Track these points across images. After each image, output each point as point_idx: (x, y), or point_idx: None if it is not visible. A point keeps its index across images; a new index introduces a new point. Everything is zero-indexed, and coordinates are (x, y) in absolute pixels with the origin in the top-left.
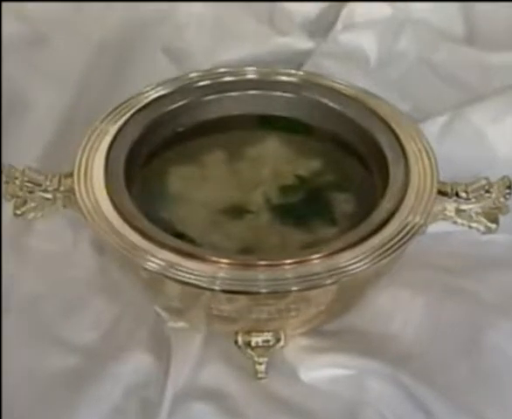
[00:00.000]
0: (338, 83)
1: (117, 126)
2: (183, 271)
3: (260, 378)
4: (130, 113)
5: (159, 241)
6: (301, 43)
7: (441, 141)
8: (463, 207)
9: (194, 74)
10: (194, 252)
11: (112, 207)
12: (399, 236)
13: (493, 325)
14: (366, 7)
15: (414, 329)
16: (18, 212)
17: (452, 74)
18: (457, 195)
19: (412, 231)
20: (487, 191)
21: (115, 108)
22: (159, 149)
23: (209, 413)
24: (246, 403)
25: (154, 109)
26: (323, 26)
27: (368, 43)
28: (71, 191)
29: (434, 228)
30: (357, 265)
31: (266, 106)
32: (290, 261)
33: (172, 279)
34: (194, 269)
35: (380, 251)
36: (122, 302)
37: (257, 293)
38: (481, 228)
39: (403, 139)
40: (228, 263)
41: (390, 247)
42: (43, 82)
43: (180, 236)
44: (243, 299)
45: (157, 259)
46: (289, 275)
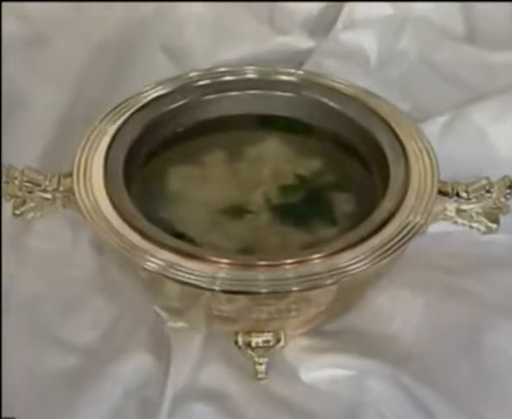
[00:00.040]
0: (338, 82)
1: (116, 125)
2: (183, 272)
3: (260, 378)
4: (130, 113)
5: (159, 241)
6: (302, 42)
7: (442, 141)
8: (464, 207)
9: (194, 74)
10: (194, 252)
11: (111, 207)
12: (399, 236)
13: (493, 325)
14: (366, 6)
15: (414, 329)
16: (17, 212)
17: (453, 73)
18: (457, 195)
19: (413, 231)
20: (487, 191)
21: (115, 108)
22: (159, 149)
23: (209, 413)
24: (246, 404)
25: (153, 109)
26: (324, 25)
27: (368, 42)
28: (70, 191)
29: (435, 228)
30: (357, 265)
31: (266, 106)
32: (290, 261)
33: (172, 279)
34: (194, 269)
35: (380, 251)
36: (122, 302)
37: (257, 293)
38: (482, 228)
39: (403, 138)
40: (228, 263)
41: (390, 247)
42: (42, 82)
43: (180, 236)
44: (243, 300)
45: (157, 259)
46: (289, 275)
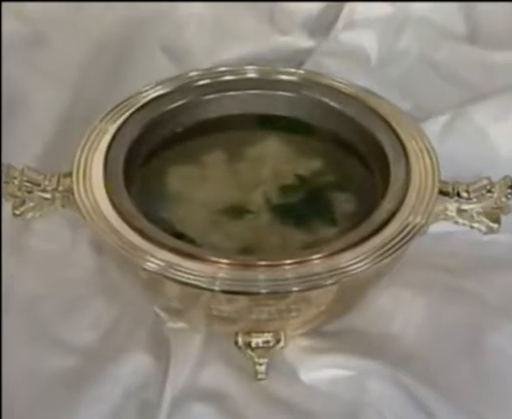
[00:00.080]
0: (339, 82)
1: (116, 125)
2: (183, 272)
3: (260, 379)
4: (129, 113)
5: (158, 241)
6: (302, 41)
7: (443, 141)
8: (464, 207)
9: (194, 73)
10: (194, 252)
11: (111, 207)
12: (400, 236)
13: (495, 326)
14: (367, 6)
15: (415, 330)
16: (17, 212)
17: (453, 73)
18: (458, 194)
19: (413, 231)
20: (488, 191)
21: (114, 107)
22: (158, 149)
23: (208, 414)
24: (246, 404)
25: (153, 108)
26: (324, 25)
27: (369, 41)
28: (70, 191)
29: (435, 228)
30: (358, 266)
31: (267, 106)
32: (290, 261)
33: (171, 280)
34: (193, 269)
35: (381, 252)
36: (121, 302)
37: (257, 294)
38: (483, 228)
39: (404, 138)
40: (228, 263)
41: (390, 247)
42: (42, 82)
43: (180, 236)
44: (243, 300)
45: (157, 259)
46: (289, 275)
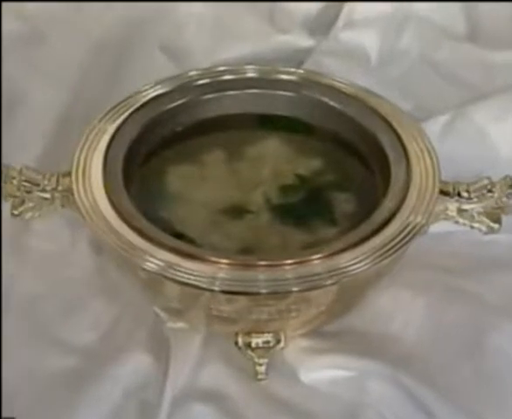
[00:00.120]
0: (339, 81)
1: (115, 124)
2: (183, 272)
3: (260, 379)
4: (129, 112)
5: (158, 241)
6: (302, 41)
7: (443, 141)
8: (465, 207)
9: (193, 73)
10: (193, 252)
11: (110, 206)
12: (400, 236)
13: (495, 326)
14: (367, 5)
15: (415, 330)
16: (16, 212)
17: (454, 73)
18: (459, 194)
19: (414, 231)
20: (489, 191)
21: (114, 107)
22: (158, 148)
23: (208, 414)
24: (246, 404)
25: (153, 108)
26: (324, 24)
27: (369, 41)
28: (69, 191)
29: (436, 228)
30: (358, 266)
31: (266, 105)
32: (290, 261)
33: (171, 280)
34: (193, 269)
35: (381, 252)
36: (121, 303)
37: (257, 294)
38: (483, 228)
39: (404, 138)
40: (228, 263)
41: (391, 247)
42: (42, 81)
43: (179, 236)
44: (243, 300)
45: (156, 259)
46: (289, 275)
